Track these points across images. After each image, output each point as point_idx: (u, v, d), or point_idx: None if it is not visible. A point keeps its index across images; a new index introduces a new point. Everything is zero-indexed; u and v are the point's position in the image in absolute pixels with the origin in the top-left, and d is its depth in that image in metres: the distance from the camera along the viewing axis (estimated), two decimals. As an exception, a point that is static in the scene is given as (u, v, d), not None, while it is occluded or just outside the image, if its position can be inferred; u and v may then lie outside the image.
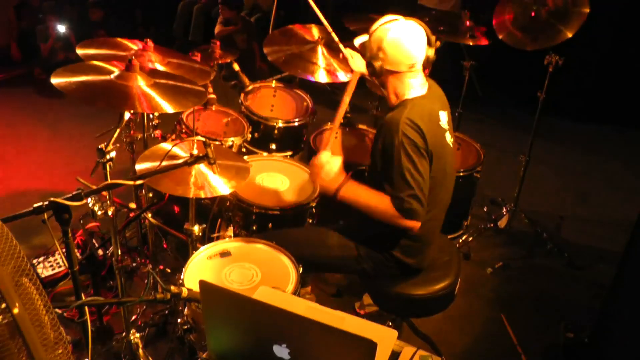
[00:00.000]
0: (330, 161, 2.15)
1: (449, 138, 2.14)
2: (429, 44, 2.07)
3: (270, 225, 2.50)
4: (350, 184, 2.13)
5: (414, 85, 2.08)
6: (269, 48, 3.02)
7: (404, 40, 2.02)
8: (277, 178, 2.71)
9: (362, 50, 2.24)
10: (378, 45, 2.05)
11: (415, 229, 2.03)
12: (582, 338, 2.73)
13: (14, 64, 5.55)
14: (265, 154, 2.99)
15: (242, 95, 3.19)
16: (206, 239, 2.45)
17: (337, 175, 2.14)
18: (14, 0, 5.57)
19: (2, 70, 5.40)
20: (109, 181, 1.92)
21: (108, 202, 2.13)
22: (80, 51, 2.40)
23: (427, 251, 2.25)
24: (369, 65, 2.10)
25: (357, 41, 2.34)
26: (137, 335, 2.45)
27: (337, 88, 5.60)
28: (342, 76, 2.92)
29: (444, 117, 2.12)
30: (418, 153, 1.98)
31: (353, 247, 2.25)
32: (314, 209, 2.58)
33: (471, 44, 3.29)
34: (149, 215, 2.74)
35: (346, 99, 2.34)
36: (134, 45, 2.59)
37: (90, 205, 2.15)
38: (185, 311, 2.02)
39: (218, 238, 2.70)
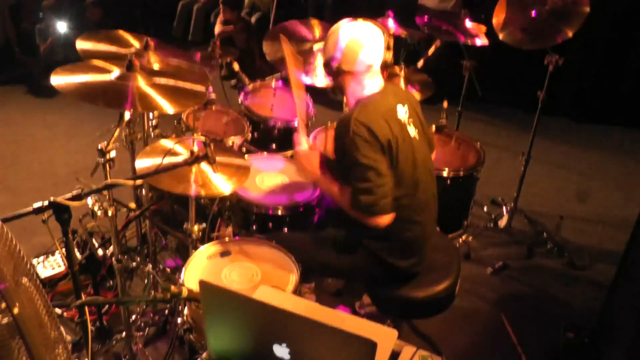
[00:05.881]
0: (312, 153, 2.25)
1: (413, 131, 2.12)
2: (388, 47, 2.08)
3: (270, 225, 2.50)
4: (326, 176, 2.19)
5: (370, 86, 2.08)
6: (268, 47, 3.02)
7: (362, 41, 2.02)
8: (277, 178, 2.71)
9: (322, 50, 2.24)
10: (336, 46, 2.05)
11: (380, 224, 2.02)
12: (582, 338, 2.73)
13: (13, 64, 5.54)
14: (265, 153, 2.99)
15: (242, 95, 3.19)
16: (206, 238, 2.45)
17: (317, 165, 2.22)
18: (10, 0, 5.56)
19: (2, 70, 5.39)
20: (109, 181, 1.92)
21: (108, 202, 2.13)
22: (80, 45, 2.40)
23: (421, 254, 2.22)
24: (327, 65, 2.12)
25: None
26: (137, 335, 2.45)
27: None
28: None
29: (401, 111, 2.10)
30: (370, 149, 1.97)
31: (350, 251, 2.23)
32: (314, 209, 2.58)
33: (471, 43, 3.28)
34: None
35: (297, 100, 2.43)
36: (135, 41, 2.59)
37: (90, 205, 2.15)
38: (185, 311, 2.02)
39: (218, 238, 2.70)
